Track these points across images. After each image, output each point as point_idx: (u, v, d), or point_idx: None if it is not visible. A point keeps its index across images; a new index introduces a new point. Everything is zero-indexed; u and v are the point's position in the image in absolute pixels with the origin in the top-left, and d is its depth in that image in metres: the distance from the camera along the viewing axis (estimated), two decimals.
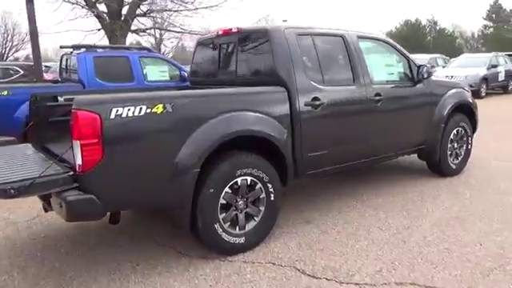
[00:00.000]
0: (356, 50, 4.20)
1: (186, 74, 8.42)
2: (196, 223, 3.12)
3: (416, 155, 5.28)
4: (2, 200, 2.78)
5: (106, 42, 13.38)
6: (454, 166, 5.36)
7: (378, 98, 4.27)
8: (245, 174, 3.30)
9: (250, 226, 3.42)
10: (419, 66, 4.75)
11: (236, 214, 3.34)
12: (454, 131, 5.27)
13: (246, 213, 3.40)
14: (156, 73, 8.20)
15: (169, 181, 2.94)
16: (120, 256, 3.40)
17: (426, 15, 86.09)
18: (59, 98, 4.06)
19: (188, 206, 3.04)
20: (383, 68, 4.61)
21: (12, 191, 2.48)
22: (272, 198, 3.49)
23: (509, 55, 18.38)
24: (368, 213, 4.21)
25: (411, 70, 4.78)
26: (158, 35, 20.80)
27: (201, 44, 4.72)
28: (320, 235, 3.70)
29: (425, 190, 4.85)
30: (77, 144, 2.62)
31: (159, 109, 2.87)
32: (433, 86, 4.97)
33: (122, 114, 2.72)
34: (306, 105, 3.68)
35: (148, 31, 15.29)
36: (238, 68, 4.09)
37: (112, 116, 2.69)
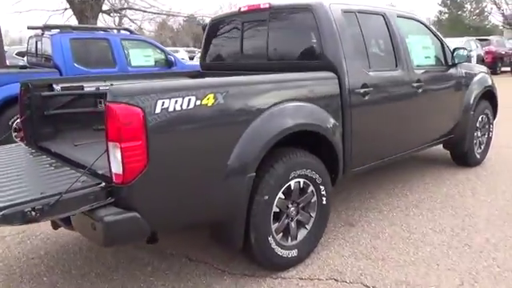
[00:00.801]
0: (397, 31, 3.74)
1: (172, 59, 7.74)
2: (248, 238, 2.59)
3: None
4: None
5: (72, 23, 12.21)
6: (478, 156, 5.08)
7: (418, 84, 3.85)
8: (298, 176, 2.80)
9: (302, 235, 2.94)
10: (454, 49, 4.37)
11: (288, 223, 2.84)
12: (480, 119, 4.97)
13: (296, 220, 2.91)
14: (140, 57, 7.43)
15: (221, 189, 2.39)
16: (148, 277, 2.82)
17: (384, 0, 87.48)
18: (55, 86, 3.37)
19: (242, 219, 2.50)
20: (421, 51, 4.19)
21: (33, 213, 1.86)
22: (324, 202, 3.01)
23: (480, 40, 18.67)
24: (411, 211, 3.82)
25: (445, 53, 4.40)
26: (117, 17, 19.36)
27: (216, 23, 4.11)
28: (372, 241, 3.27)
29: (457, 183, 4.52)
30: (115, 148, 2.01)
31: (210, 100, 2.29)
32: (462, 70, 4.62)
33: (168, 107, 2.13)
34: (355, 93, 3.20)
35: (122, 12, 14.10)
36: (270, 51, 3.53)
37: (157, 110, 2.09)
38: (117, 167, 2.03)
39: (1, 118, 6.01)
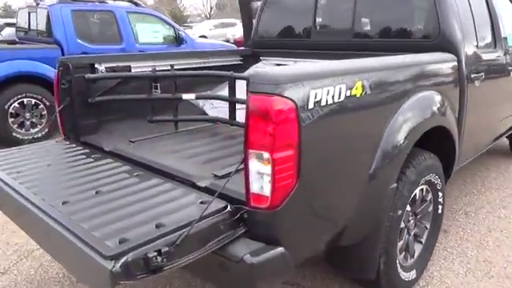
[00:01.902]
0: (495, 6, 3.22)
1: (183, 35, 6.99)
2: (378, 263, 2.06)
3: None
4: None
5: None
6: None
7: (511, 67, 3.37)
8: (425, 183, 2.28)
9: (417, 251, 2.43)
10: None
11: (407, 239, 2.33)
12: None
13: (413, 234, 2.40)
14: (148, 33, 6.63)
15: (363, 206, 1.83)
16: None
17: None
18: (97, 66, 2.69)
19: (379, 241, 1.96)
20: (510, 27, 3.68)
21: (159, 259, 1.26)
22: (439, 211, 2.52)
23: None
24: (501, 213, 3.38)
25: None
26: None
27: None
28: (480, 252, 2.80)
29: None
30: (262, 160, 1.42)
31: (358, 89, 1.71)
32: None
33: (321, 100, 1.54)
34: (470, 78, 2.67)
35: None
36: (357, 25, 2.94)
37: (310, 105, 1.50)
38: (261, 187, 1.44)
39: None
